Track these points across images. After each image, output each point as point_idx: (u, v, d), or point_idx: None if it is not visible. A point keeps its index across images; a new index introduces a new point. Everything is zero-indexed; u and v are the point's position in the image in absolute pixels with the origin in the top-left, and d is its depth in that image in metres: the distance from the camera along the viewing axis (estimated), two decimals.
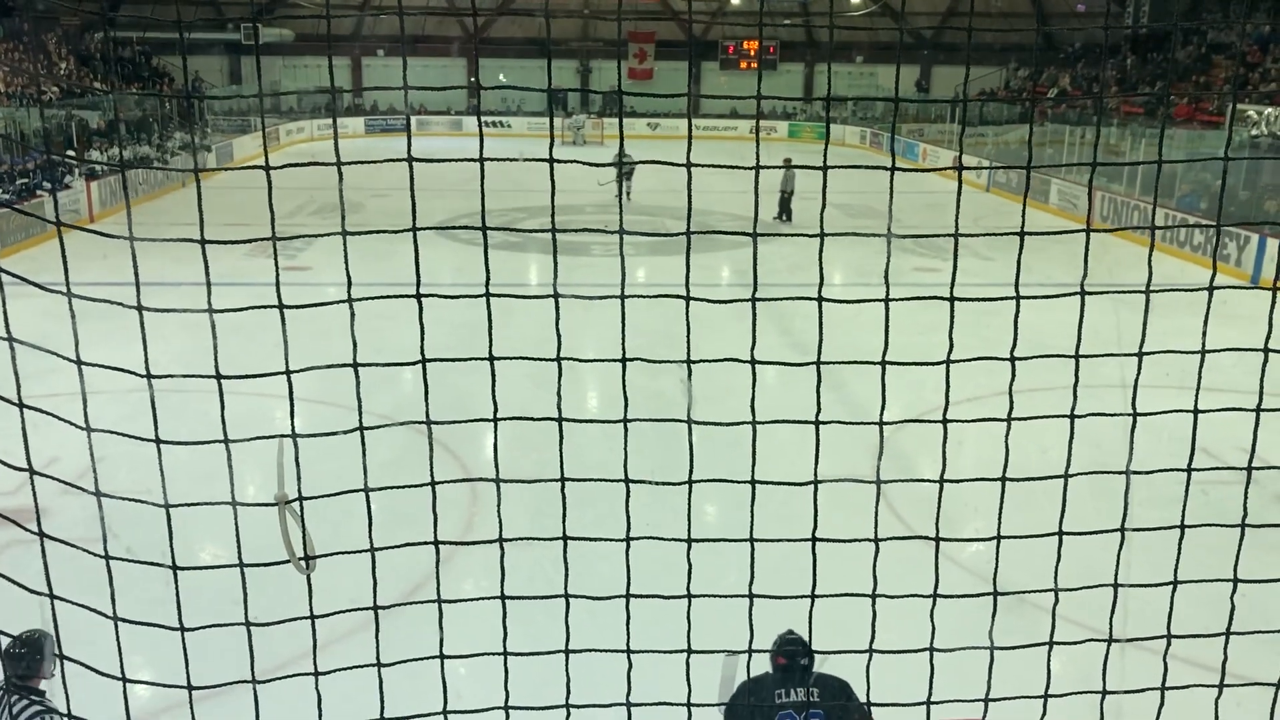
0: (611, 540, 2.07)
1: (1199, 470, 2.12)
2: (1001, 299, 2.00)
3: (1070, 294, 2.07)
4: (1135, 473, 2.07)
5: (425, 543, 2.06)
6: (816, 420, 2.01)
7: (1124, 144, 25.27)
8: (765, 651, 4.01)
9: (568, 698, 2.07)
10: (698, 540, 2.01)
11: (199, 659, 2.01)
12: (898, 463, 9.21)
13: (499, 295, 1.86)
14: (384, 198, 13.62)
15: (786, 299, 2.00)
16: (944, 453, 1.95)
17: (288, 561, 1.98)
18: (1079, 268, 2.12)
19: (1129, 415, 2.07)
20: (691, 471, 2.04)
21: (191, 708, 1.98)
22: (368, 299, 1.91)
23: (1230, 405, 2.13)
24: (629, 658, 2.06)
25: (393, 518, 2.19)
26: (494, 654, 2.05)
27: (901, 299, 2.01)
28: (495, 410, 1.98)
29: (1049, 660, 2.14)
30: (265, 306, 1.90)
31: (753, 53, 42.33)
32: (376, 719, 2.05)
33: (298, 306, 1.90)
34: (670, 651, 2.06)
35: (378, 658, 2.05)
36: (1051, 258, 13.73)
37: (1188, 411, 2.07)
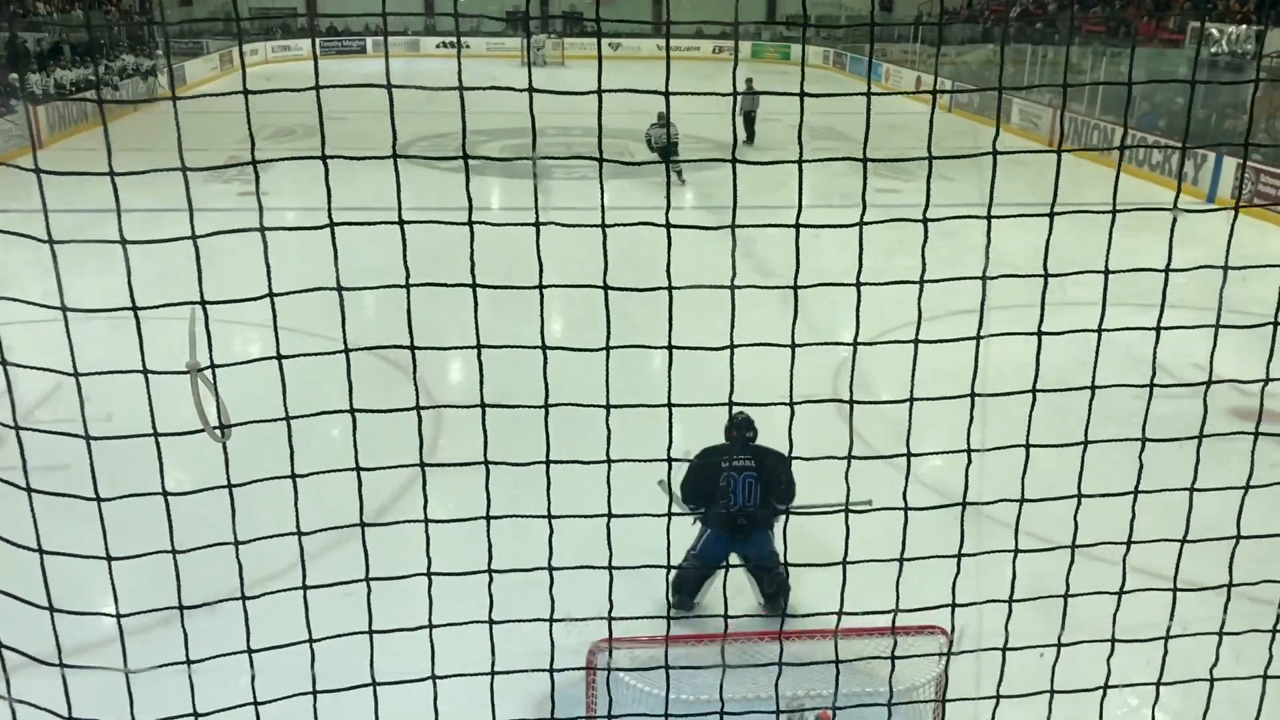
0: (531, 407, 2.08)
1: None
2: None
3: (981, 155, 2.08)
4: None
5: (343, 411, 2.05)
6: (732, 285, 2.02)
7: (1085, 62, 25.22)
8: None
9: (489, 562, 2.09)
10: (615, 406, 2.02)
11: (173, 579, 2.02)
12: (859, 383, 9.26)
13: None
14: (341, 120, 13.35)
15: (701, 159, 1.99)
16: (857, 315, 1.96)
17: (202, 431, 1.98)
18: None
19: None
20: (609, 339, 2.04)
21: (112, 578, 1.98)
22: (275, 160, 1.88)
23: (1185, 323, 2.15)
24: (550, 523, 2.08)
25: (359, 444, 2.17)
26: (415, 520, 2.07)
27: (815, 160, 2.01)
28: (407, 278, 1.97)
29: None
30: (168, 167, 1.87)
31: None
32: (300, 586, 2.07)
33: (206, 168, 1.87)
34: (589, 516, 2.09)
35: (298, 526, 2.06)
36: (1014, 177, 13.72)
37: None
